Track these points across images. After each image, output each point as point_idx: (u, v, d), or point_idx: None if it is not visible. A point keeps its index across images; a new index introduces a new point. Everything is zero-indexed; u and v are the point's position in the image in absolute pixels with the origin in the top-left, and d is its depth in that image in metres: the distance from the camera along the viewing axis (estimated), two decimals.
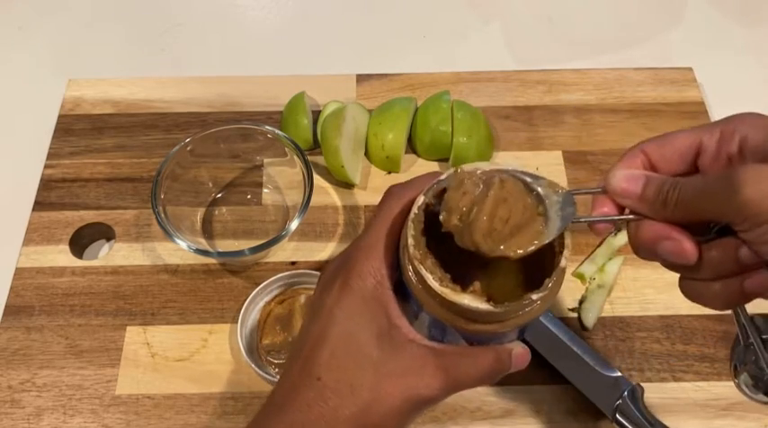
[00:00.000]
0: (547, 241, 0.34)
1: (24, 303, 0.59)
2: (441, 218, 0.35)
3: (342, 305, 0.36)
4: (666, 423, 0.49)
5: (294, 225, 0.57)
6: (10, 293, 0.59)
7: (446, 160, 0.66)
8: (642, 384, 0.51)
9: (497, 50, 0.78)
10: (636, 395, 0.51)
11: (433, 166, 0.67)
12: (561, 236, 0.36)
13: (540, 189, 0.35)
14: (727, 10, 0.82)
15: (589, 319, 0.58)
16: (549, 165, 0.67)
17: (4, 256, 0.61)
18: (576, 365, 0.53)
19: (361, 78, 0.73)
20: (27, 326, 0.58)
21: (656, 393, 0.54)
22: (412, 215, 0.36)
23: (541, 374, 0.54)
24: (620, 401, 0.50)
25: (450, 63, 0.76)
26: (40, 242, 0.62)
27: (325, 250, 0.62)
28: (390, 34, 0.80)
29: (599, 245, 0.61)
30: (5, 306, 0.59)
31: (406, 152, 0.67)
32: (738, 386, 0.36)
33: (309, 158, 0.60)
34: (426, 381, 0.36)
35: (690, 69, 0.73)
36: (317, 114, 0.68)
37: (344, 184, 0.65)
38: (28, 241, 0.62)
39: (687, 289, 0.34)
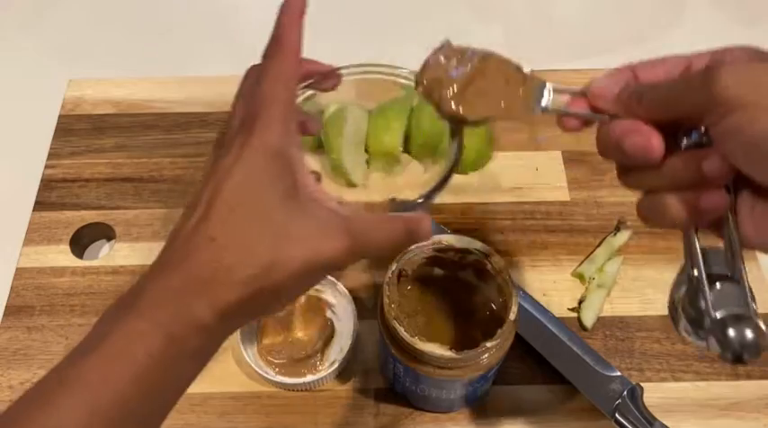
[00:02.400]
0: (517, 117, 0.39)
1: (25, 303, 0.59)
2: (416, 77, 0.40)
3: (242, 162, 0.33)
4: (666, 423, 0.49)
5: None
6: (10, 293, 0.59)
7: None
8: (642, 384, 0.51)
9: (497, 50, 0.78)
10: (635, 394, 0.51)
11: (431, 166, 0.67)
12: (511, 296, 0.44)
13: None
14: (727, 10, 0.82)
15: (589, 319, 0.58)
16: (548, 165, 0.67)
17: (5, 256, 0.61)
18: (575, 365, 0.53)
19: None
20: (27, 326, 0.58)
21: (655, 393, 0.54)
22: (386, 279, 0.43)
23: (541, 374, 0.54)
24: (620, 401, 0.50)
25: None
26: (41, 242, 0.62)
27: None
28: (390, 34, 0.80)
29: (598, 245, 0.61)
30: (6, 306, 0.59)
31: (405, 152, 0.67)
32: (679, 333, 0.33)
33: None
34: (331, 244, 0.33)
35: None
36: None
37: (344, 184, 0.65)
38: (28, 241, 0.62)
39: (643, 207, 0.35)
